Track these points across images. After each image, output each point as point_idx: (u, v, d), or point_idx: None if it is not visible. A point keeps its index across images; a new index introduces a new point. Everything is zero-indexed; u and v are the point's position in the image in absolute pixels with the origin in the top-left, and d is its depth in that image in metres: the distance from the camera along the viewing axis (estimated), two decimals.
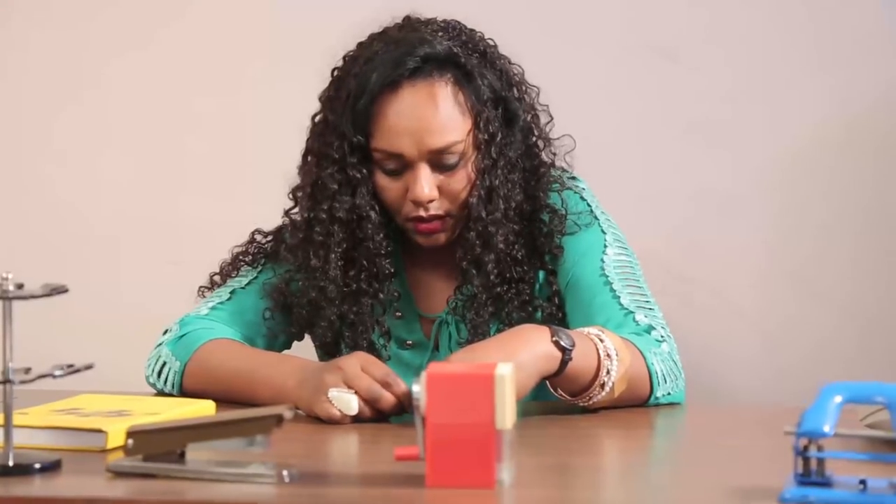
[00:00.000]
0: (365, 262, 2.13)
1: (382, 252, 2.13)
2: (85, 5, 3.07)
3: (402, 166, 2.10)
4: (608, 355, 1.91)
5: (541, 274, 2.16)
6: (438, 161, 2.09)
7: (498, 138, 2.11)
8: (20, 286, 1.55)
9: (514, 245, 2.13)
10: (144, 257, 3.05)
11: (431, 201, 2.10)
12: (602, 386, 1.91)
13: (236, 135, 3.03)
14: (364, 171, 2.11)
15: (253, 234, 2.27)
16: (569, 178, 2.21)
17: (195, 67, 3.04)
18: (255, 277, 2.23)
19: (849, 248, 2.88)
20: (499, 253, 2.11)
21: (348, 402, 1.88)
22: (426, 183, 2.09)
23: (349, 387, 1.89)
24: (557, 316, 2.13)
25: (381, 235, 2.13)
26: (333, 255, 2.11)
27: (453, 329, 2.17)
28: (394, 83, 2.08)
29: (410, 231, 2.14)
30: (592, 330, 1.94)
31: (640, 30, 2.91)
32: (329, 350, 2.16)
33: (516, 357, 1.83)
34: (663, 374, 1.99)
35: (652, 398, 1.99)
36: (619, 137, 2.89)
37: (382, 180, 2.12)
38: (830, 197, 2.88)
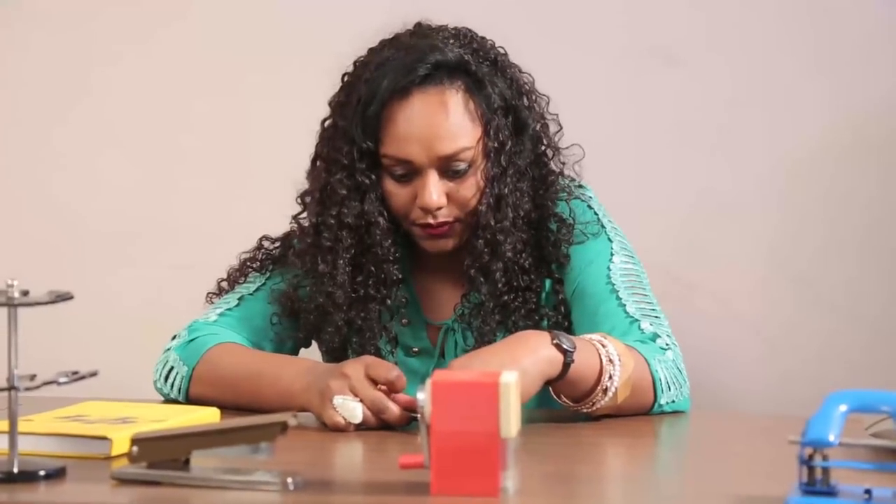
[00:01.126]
0: (373, 268, 2.13)
1: (390, 258, 2.13)
2: (85, 8, 3.08)
3: (410, 172, 2.10)
4: (610, 360, 1.90)
5: (547, 282, 2.16)
6: (447, 168, 2.09)
7: (507, 146, 2.11)
8: (25, 293, 1.55)
9: (522, 253, 2.13)
10: (148, 262, 3.05)
11: (440, 208, 2.10)
12: (605, 391, 1.91)
13: (239, 138, 3.03)
14: (373, 176, 2.11)
15: (261, 240, 2.27)
16: (576, 186, 2.21)
17: (197, 70, 3.04)
18: (264, 283, 2.23)
19: (851, 253, 2.88)
20: (507, 261, 2.11)
21: (353, 411, 1.88)
22: (435, 189, 2.09)
23: (354, 395, 1.89)
24: (563, 325, 2.13)
25: (389, 241, 2.13)
26: (341, 261, 2.12)
27: (459, 336, 2.17)
28: (404, 90, 2.08)
29: (418, 236, 2.14)
30: (595, 336, 1.94)
31: (641, 34, 2.91)
32: (336, 355, 2.16)
33: (519, 362, 1.83)
34: (667, 382, 1.99)
35: (656, 406, 1.98)
36: (621, 142, 2.89)
37: (391, 186, 2.12)
38: (833, 201, 2.88)
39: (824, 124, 2.88)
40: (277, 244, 2.26)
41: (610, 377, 1.90)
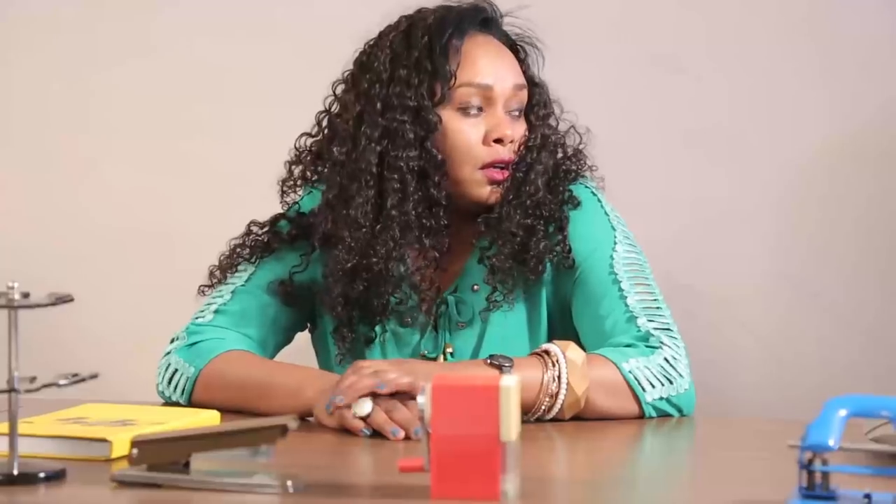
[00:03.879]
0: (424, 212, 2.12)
1: (443, 202, 2.11)
2: (88, 14, 3.08)
3: (485, 104, 2.11)
4: (554, 378, 1.94)
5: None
6: (513, 103, 2.13)
7: (543, 98, 2.19)
8: (26, 295, 1.55)
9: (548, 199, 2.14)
10: (150, 265, 3.05)
11: (512, 141, 2.12)
12: (550, 408, 1.95)
13: (242, 142, 3.03)
14: (439, 116, 2.11)
15: (249, 225, 2.25)
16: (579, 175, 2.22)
17: (199, 74, 3.05)
18: (255, 272, 2.21)
19: (851, 257, 2.88)
20: (536, 199, 2.12)
21: (362, 403, 1.87)
22: (506, 121, 2.12)
23: (385, 411, 1.89)
24: (567, 263, 2.13)
25: (444, 193, 2.11)
26: (410, 204, 2.09)
27: (453, 310, 2.17)
28: (478, 28, 2.15)
29: (477, 183, 2.12)
30: (552, 347, 1.97)
31: (643, 40, 2.91)
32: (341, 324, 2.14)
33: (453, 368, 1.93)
34: (647, 379, 1.99)
35: (645, 405, 1.99)
36: (622, 146, 2.88)
37: (460, 124, 2.11)
38: (833, 207, 2.88)
39: (824, 132, 2.88)
40: (266, 229, 2.25)
41: (553, 395, 1.94)
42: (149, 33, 3.07)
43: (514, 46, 2.21)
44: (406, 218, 2.09)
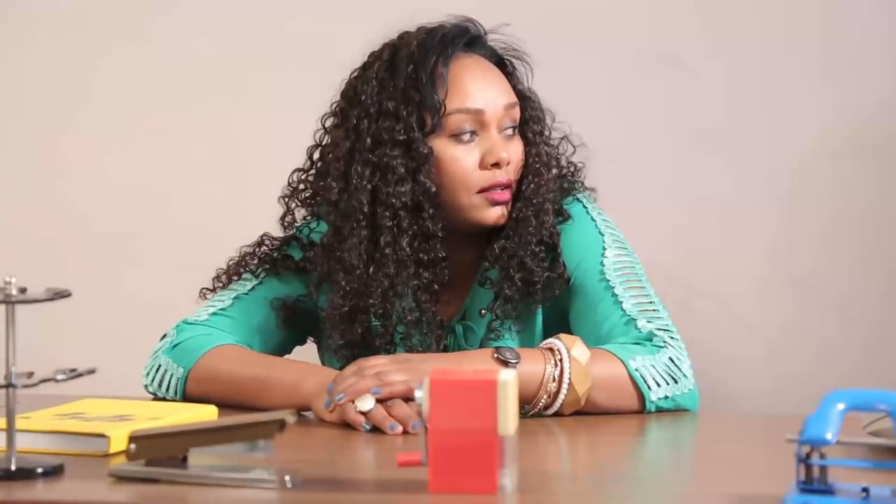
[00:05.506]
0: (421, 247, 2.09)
1: (439, 234, 2.08)
2: (89, 12, 3.08)
3: (479, 127, 2.08)
4: (554, 379, 1.93)
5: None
6: (506, 122, 2.09)
7: (536, 114, 2.15)
8: (23, 290, 1.55)
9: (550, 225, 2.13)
10: (148, 262, 3.05)
11: (509, 163, 2.09)
12: (549, 405, 1.94)
13: (242, 139, 3.03)
14: (430, 147, 2.07)
15: (262, 237, 2.24)
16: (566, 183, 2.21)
17: (200, 72, 3.05)
18: (260, 283, 2.21)
19: (850, 254, 2.88)
20: (542, 226, 2.11)
21: (364, 398, 1.87)
22: (501, 143, 2.09)
23: (384, 406, 1.88)
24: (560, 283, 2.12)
25: (440, 224, 2.08)
26: (405, 241, 2.07)
27: (461, 338, 2.16)
28: (466, 46, 2.11)
29: (478, 208, 2.09)
30: (558, 343, 1.96)
31: (644, 37, 2.91)
32: (350, 350, 2.12)
33: (459, 364, 1.92)
34: (654, 379, 1.98)
35: (648, 403, 1.98)
36: (622, 144, 2.89)
37: (455, 151, 2.07)
38: (832, 204, 2.88)
39: (824, 127, 2.88)
40: (277, 244, 2.24)
41: (553, 394, 1.94)
42: (149, 33, 3.07)
43: (502, 62, 2.17)
44: (401, 254, 2.06)
